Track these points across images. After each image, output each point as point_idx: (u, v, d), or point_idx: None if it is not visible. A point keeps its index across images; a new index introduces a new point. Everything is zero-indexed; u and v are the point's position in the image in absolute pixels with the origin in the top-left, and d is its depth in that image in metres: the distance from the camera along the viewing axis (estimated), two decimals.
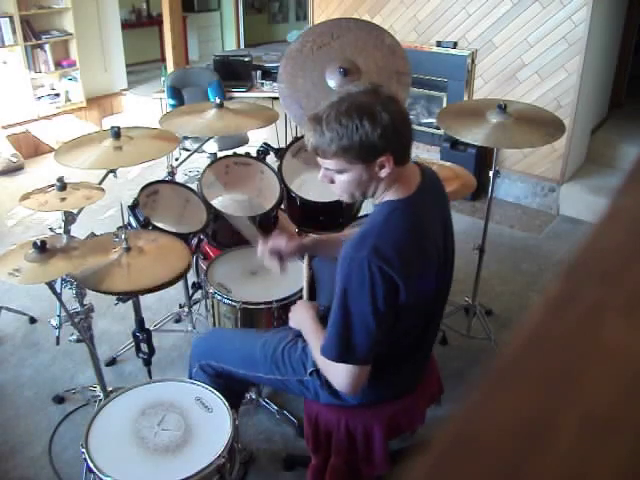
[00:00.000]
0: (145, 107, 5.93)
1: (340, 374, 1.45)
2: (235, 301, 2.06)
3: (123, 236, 1.91)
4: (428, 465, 0.23)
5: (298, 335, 1.73)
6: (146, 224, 2.17)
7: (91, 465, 1.48)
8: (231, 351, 1.82)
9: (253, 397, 2.36)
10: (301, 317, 1.67)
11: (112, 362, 2.66)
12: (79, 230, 2.34)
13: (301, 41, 2.65)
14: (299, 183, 2.63)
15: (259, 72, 4.93)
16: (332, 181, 1.46)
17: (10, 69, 5.26)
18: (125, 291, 1.87)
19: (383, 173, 1.39)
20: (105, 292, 1.84)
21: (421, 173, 1.51)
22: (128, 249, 1.90)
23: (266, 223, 2.44)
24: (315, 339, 1.55)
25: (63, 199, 2.09)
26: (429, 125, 4.55)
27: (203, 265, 2.53)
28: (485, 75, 4.13)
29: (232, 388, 1.75)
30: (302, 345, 1.70)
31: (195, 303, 2.90)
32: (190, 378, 1.86)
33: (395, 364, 1.59)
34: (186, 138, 4.00)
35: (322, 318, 1.61)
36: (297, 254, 1.84)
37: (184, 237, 2.21)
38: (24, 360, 2.72)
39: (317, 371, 1.63)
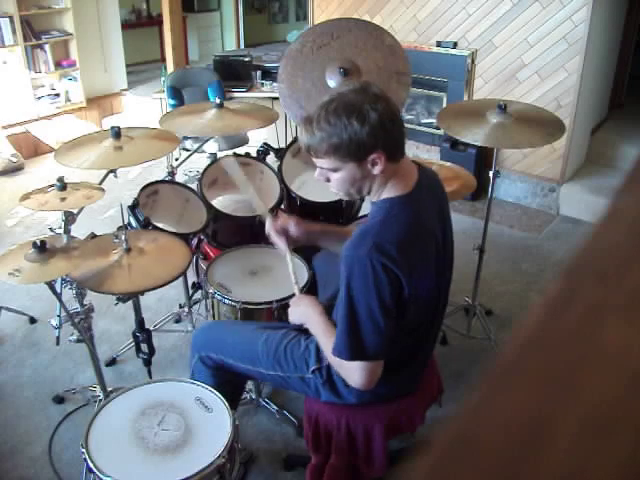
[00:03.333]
0: (145, 107, 5.93)
1: (354, 371, 1.46)
2: (235, 301, 2.06)
3: (123, 237, 1.90)
4: (428, 465, 0.23)
5: (300, 331, 1.73)
6: (146, 224, 2.17)
7: (91, 465, 1.48)
8: (232, 344, 1.81)
9: (253, 397, 2.36)
10: (307, 312, 1.66)
11: (112, 362, 2.66)
12: (79, 230, 2.34)
13: (301, 41, 2.64)
14: (299, 183, 2.64)
15: (259, 72, 4.93)
16: (328, 179, 1.48)
17: (10, 69, 5.26)
18: (126, 292, 1.88)
19: (376, 170, 1.41)
20: (106, 293, 1.84)
21: (419, 171, 1.53)
22: (128, 250, 1.90)
23: None
24: (327, 338, 1.54)
25: (63, 199, 2.08)
26: (429, 125, 4.55)
27: (203, 265, 2.53)
28: (485, 75, 4.12)
29: (232, 381, 1.74)
30: (305, 342, 1.70)
31: (195, 303, 2.91)
32: (190, 369, 1.86)
33: (397, 364, 1.59)
34: (186, 138, 4.00)
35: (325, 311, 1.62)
36: (303, 238, 1.85)
37: (184, 237, 2.21)
38: (24, 360, 2.72)
39: (319, 369, 1.63)
